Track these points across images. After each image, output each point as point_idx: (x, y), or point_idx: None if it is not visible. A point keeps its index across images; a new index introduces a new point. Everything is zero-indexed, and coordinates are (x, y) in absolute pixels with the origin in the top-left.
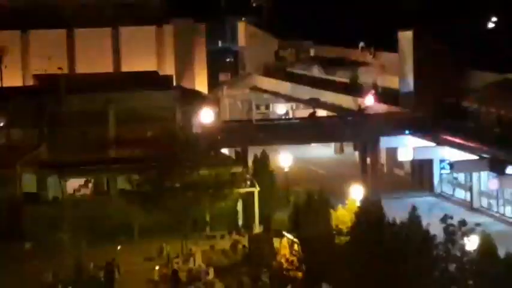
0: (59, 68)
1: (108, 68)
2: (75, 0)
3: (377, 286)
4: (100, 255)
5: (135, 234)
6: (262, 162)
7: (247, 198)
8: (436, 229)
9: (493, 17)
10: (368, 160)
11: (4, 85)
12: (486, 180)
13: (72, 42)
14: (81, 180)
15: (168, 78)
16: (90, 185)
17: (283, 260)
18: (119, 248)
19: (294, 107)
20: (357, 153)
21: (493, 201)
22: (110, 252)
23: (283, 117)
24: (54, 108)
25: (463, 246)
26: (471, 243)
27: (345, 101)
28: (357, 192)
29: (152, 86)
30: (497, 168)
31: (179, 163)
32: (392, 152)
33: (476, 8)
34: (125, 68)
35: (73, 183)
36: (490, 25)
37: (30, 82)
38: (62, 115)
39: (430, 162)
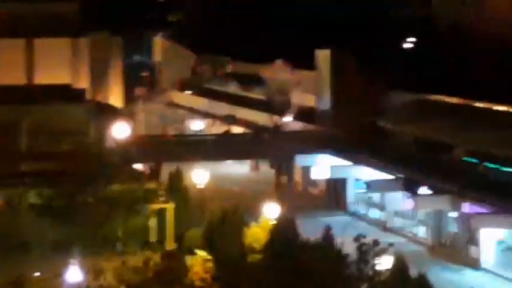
0: None
1: (21, 80)
2: None
3: None
4: (9, 271)
5: (45, 250)
6: (177, 178)
7: (161, 215)
8: (350, 248)
9: (411, 37)
10: (283, 178)
11: None
12: (400, 201)
13: None
14: None
15: (81, 91)
16: None
17: (195, 278)
18: (28, 263)
19: (211, 124)
20: (272, 171)
21: (407, 222)
22: (20, 267)
23: (198, 133)
24: None
25: (375, 265)
26: (384, 263)
27: (261, 118)
28: (271, 210)
29: (65, 100)
30: (411, 188)
31: (92, 178)
32: (307, 170)
33: (395, 29)
34: (38, 80)
35: None
36: (408, 46)
37: None
38: None
39: (345, 181)
